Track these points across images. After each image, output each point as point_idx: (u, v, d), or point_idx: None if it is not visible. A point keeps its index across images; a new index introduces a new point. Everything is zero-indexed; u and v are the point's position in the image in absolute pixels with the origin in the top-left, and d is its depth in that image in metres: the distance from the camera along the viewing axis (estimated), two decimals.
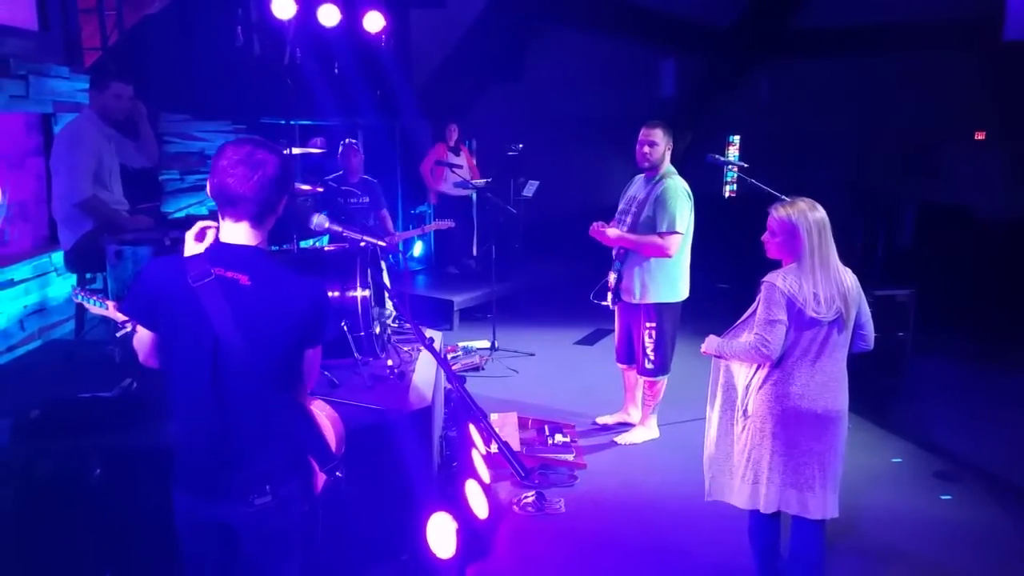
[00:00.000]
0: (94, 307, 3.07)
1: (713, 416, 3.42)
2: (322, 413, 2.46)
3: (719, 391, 3.41)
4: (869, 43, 10.71)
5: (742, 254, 8.78)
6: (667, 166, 4.87)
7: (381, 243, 3.37)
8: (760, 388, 3.23)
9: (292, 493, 2.29)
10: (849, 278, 3.17)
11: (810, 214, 3.12)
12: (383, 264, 4.99)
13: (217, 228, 2.30)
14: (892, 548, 3.98)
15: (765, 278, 3.19)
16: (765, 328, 3.13)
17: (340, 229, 2.74)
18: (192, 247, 2.35)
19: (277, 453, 2.27)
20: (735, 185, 11.89)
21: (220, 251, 2.22)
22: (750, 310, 3.26)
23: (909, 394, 5.82)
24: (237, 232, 2.23)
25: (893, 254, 8.44)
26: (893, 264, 8.06)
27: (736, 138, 12.25)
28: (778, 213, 3.18)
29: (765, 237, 3.26)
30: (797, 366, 3.16)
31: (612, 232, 4.88)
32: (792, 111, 11.18)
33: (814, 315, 3.09)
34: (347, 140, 6.65)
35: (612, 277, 4.96)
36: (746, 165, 4.96)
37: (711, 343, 3.41)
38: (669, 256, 4.76)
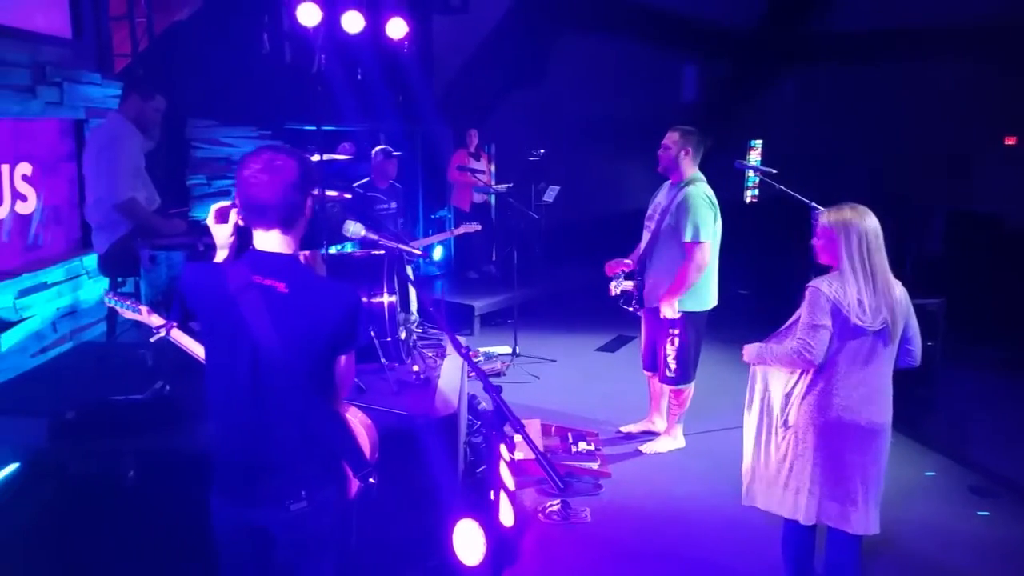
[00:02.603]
0: (126, 311, 3.12)
1: (750, 424, 3.41)
2: (356, 420, 2.48)
3: (756, 399, 3.39)
4: (896, 47, 10.61)
5: (763, 260, 8.79)
6: (693, 173, 4.80)
7: (417, 251, 3.39)
8: (803, 398, 3.20)
9: (327, 498, 2.32)
10: (899, 290, 3.12)
11: (855, 221, 3.08)
12: (410, 270, 5.02)
13: (236, 207, 2.34)
14: (929, 564, 3.92)
15: (811, 283, 3.17)
16: (809, 332, 3.10)
17: (376, 236, 2.77)
18: (217, 230, 2.40)
19: (313, 459, 2.30)
20: (757, 191, 11.84)
21: (257, 259, 2.25)
22: (794, 316, 3.24)
23: (940, 405, 5.73)
24: (270, 240, 2.25)
25: (923, 263, 8.34)
26: (923, 273, 7.96)
27: (759, 143, 12.18)
28: (823, 218, 3.19)
29: (813, 241, 3.27)
30: (841, 376, 3.13)
31: (668, 310, 4.78)
32: (816, 116, 11.11)
33: (859, 323, 3.05)
34: (383, 147, 6.68)
35: (628, 284, 4.94)
36: (775, 171, 4.93)
37: (751, 350, 3.38)
38: (703, 268, 4.70)
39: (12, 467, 3.94)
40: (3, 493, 3.85)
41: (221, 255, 2.47)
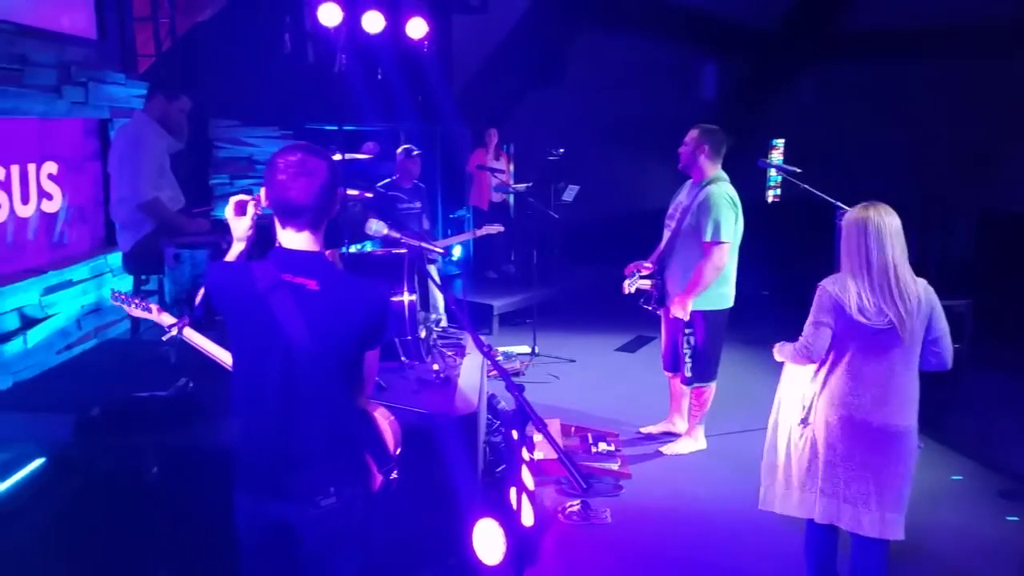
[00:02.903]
0: (135, 310, 3.13)
1: (772, 424, 3.42)
2: (380, 415, 2.49)
3: (782, 397, 3.41)
4: (919, 45, 10.48)
5: (786, 260, 8.72)
6: (715, 172, 4.76)
7: (439, 250, 3.40)
8: (819, 395, 3.21)
9: (354, 495, 2.33)
10: (918, 289, 3.06)
11: (860, 218, 3.06)
12: (434, 270, 5.04)
13: (257, 200, 2.36)
14: (957, 571, 3.86)
15: (821, 281, 3.18)
16: (809, 330, 3.15)
17: (398, 235, 2.77)
18: (236, 223, 2.43)
19: (342, 455, 2.31)
20: (779, 190, 11.75)
21: (286, 257, 2.26)
22: None
23: (967, 408, 5.62)
24: (300, 239, 2.26)
25: (949, 263, 8.25)
26: (949, 274, 7.88)
27: (780, 142, 12.08)
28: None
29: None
30: (852, 375, 3.11)
31: (678, 309, 4.76)
32: (839, 115, 11.00)
33: (862, 320, 3.03)
34: (407, 146, 6.69)
35: (645, 283, 4.91)
36: (799, 170, 4.89)
37: (776, 348, 3.44)
38: (721, 268, 4.67)
39: (37, 462, 3.99)
40: (29, 488, 3.90)
41: (237, 248, 2.50)
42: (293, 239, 2.26)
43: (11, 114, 4.40)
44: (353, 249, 5.77)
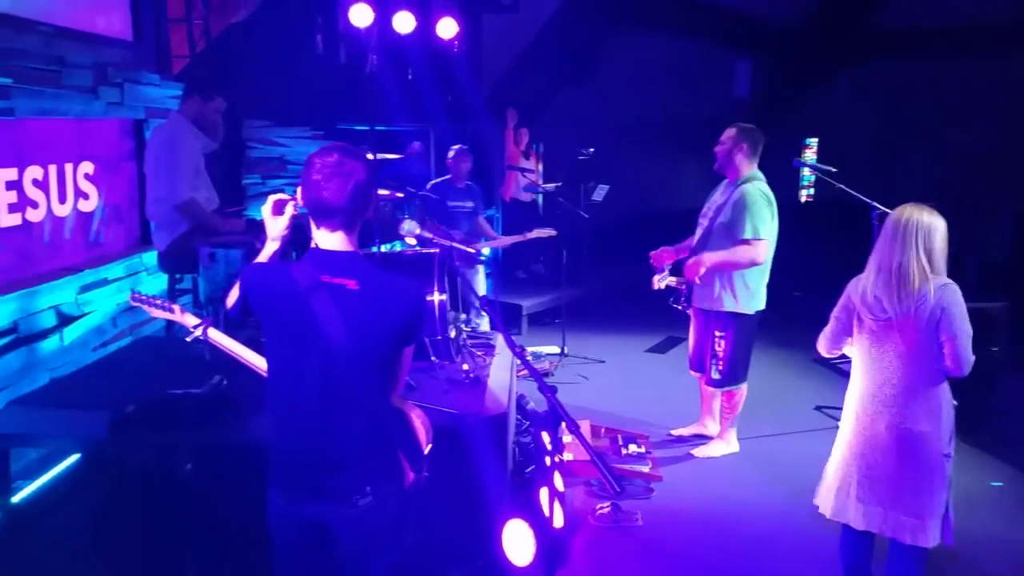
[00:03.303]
0: (156, 311, 3.15)
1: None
2: (412, 413, 2.50)
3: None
4: (955, 43, 10.31)
5: (819, 261, 8.60)
6: (751, 171, 4.70)
7: (470, 250, 3.39)
8: (847, 396, 3.28)
9: (390, 493, 2.34)
10: (931, 290, 2.99)
11: (893, 216, 3.11)
12: (483, 270, 5.05)
13: (293, 200, 2.38)
14: None
15: None
16: (830, 322, 3.31)
17: (430, 235, 2.77)
18: (272, 222, 2.44)
19: (378, 454, 2.33)
20: (812, 190, 11.62)
21: (323, 258, 2.27)
22: None
23: (1004, 412, 5.50)
24: (334, 240, 2.27)
25: (985, 265, 8.08)
26: (986, 276, 7.73)
27: (814, 141, 11.95)
28: None
29: None
30: (867, 374, 3.19)
31: (701, 263, 4.65)
32: (874, 114, 10.86)
33: (866, 316, 3.11)
34: (457, 145, 6.70)
35: (674, 280, 4.85)
36: (834, 170, 4.83)
37: None
38: (759, 263, 4.61)
39: (73, 458, 4.05)
40: (64, 484, 3.96)
41: (271, 247, 2.51)
42: (328, 239, 2.27)
43: (49, 115, 4.46)
44: (385, 248, 5.79)
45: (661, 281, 4.87)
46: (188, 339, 3.05)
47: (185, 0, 6.42)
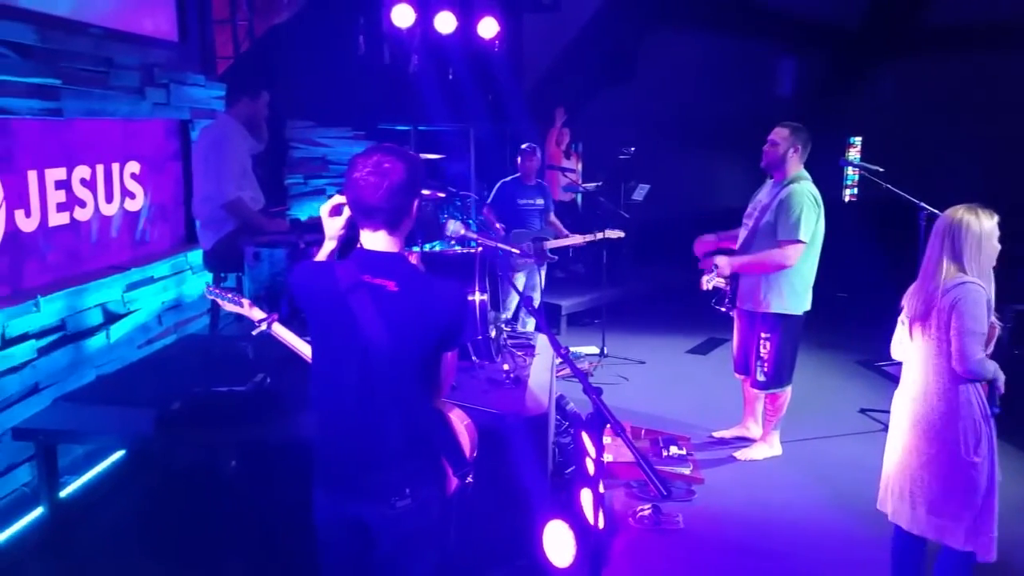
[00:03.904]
0: (228, 304, 3.22)
1: None
2: (457, 418, 2.47)
3: None
4: (1001, 40, 10.03)
5: (864, 262, 8.43)
6: (797, 171, 4.63)
7: (515, 250, 3.37)
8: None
9: (430, 496, 2.32)
10: (949, 286, 2.98)
11: (943, 215, 3.10)
12: (541, 272, 5.09)
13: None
14: None
15: None
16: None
17: (475, 235, 2.75)
18: (330, 222, 2.44)
19: (418, 456, 2.30)
20: (856, 189, 11.40)
21: (366, 258, 2.27)
22: None
23: None
24: (377, 240, 2.27)
25: None
26: None
27: (858, 140, 11.71)
28: None
29: None
30: (903, 374, 3.24)
31: (723, 261, 4.65)
32: (919, 112, 10.61)
33: (903, 316, 3.19)
34: (525, 144, 6.70)
35: (721, 281, 4.77)
36: (881, 169, 4.72)
37: None
38: (787, 267, 4.55)
39: (118, 455, 4.12)
40: (110, 480, 4.03)
41: (329, 246, 2.52)
42: (371, 239, 2.27)
43: (97, 115, 4.54)
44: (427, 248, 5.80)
45: (709, 282, 4.78)
46: (254, 332, 3.10)
47: (229, 1, 6.50)
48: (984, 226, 2.98)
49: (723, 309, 4.94)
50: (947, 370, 3.01)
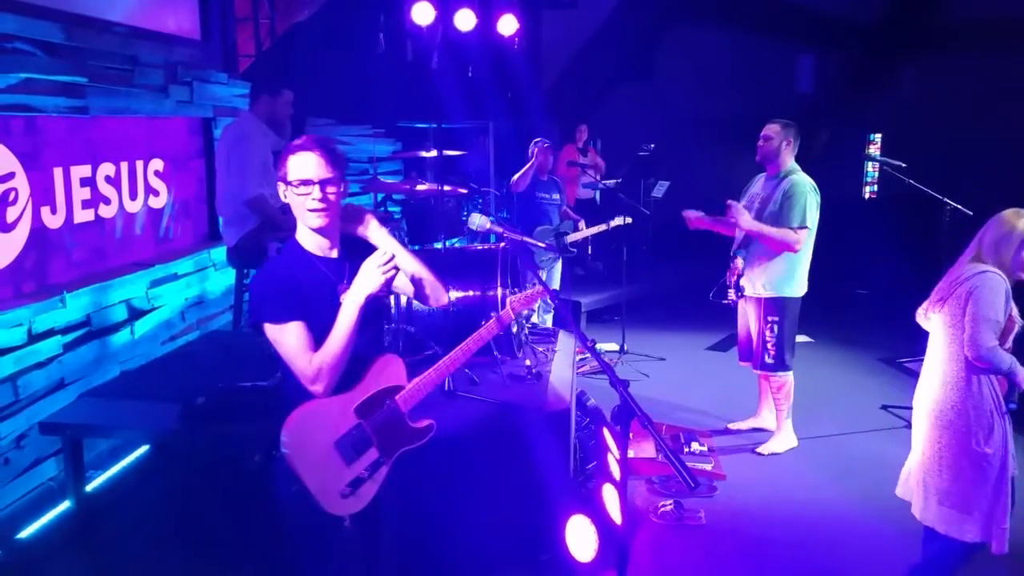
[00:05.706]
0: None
1: None
2: None
3: None
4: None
5: (884, 258, 8.35)
6: (790, 164, 4.78)
7: (541, 244, 3.37)
8: None
9: None
10: (969, 274, 3.02)
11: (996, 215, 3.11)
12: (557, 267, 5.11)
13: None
14: None
15: None
16: None
17: (500, 230, 2.75)
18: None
19: None
20: (875, 186, 11.29)
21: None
22: None
23: None
24: None
25: None
26: None
27: (878, 137, 11.60)
28: None
29: None
30: (924, 363, 3.24)
31: (746, 219, 4.74)
32: (941, 109, 10.47)
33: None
34: (539, 140, 6.70)
35: (739, 262, 4.85)
36: (904, 165, 4.70)
37: None
38: (795, 251, 4.66)
39: (142, 449, 4.16)
40: (134, 474, 4.06)
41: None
42: None
43: (121, 113, 4.58)
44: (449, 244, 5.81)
45: (736, 294, 4.91)
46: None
47: (251, 0, 6.53)
48: (1022, 224, 3.01)
49: (727, 301, 5.02)
50: (961, 358, 3.03)
